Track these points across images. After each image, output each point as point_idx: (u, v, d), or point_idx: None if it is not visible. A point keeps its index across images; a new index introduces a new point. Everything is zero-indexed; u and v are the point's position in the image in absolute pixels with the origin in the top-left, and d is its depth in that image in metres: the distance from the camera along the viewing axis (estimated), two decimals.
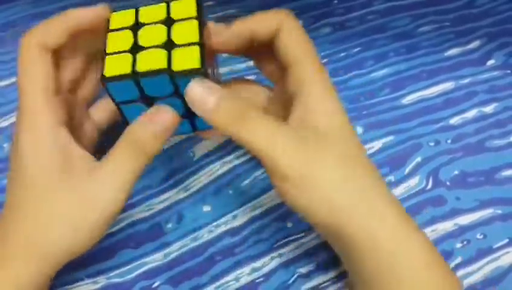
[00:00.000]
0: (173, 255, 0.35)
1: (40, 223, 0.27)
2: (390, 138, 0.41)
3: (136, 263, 0.35)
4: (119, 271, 0.34)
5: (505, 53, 0.47)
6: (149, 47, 0.27)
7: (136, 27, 0.28)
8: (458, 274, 0.36)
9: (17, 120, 0.28)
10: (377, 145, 0.41)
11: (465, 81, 0.45)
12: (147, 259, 0.35)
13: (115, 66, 0.27)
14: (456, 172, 0.40)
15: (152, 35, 0.28)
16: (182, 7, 0.29)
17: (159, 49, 0.27)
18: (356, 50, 0.46)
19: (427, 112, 0.43)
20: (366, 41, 0.46)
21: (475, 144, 0.41)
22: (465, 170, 0.40)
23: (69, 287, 0.33)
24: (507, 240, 0.38)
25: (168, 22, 0.28)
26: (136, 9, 0.29)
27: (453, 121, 0.43)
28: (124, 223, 0.36)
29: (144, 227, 0.36)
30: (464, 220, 0.38)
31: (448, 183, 0.39)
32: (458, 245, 0.37)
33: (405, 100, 0.43)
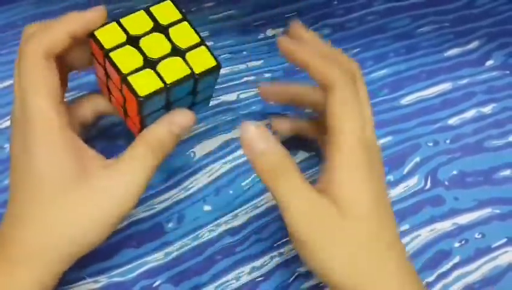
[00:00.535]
0: (174, 254, 0.35)
1: (49, 226, 0.27)
2: (389, 138, 0.41)
3: (137, 262, 0.35)
4: (120, 270, 0.34)
5: (504, 54, 0.47)
6: (161, 58, 0.28)
7: (133, 40, 0.28)
8: (456, 274, 0.36)
9: (24, 127, 0.28)
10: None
11: (463, 81, 0.45)
12: (148, 258, 0.35)
13: (144, 85, 0.27)
14: (455, 172, 0.40)
15: (155, 45, 0.28)
16: (164, 11, 0.29)
17: (173, 57, 0.28)
18: (356, 51, 0.46)
19: (426, 113, 0.43)
20: (366, 42, 0.46)
21: (473, 144, 0.42)
22: (463, 170, 0.40)
23: (70, 286, 0.33)
24: (505, 240, 0.38)
25: (161, 29, 0.29)
26: (117, 21, 0.29)
27: (452, 122, 0.43)
28: (125, 222, 0.36)
29: (145, 226, 0.36)
30: (463, 219, 0.38)
31: (446, 183, 0.40)
32: (456, 245, 0.37)
33: (404, 101, 0.44)
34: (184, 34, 0.29)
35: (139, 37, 0.29)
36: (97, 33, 0.28)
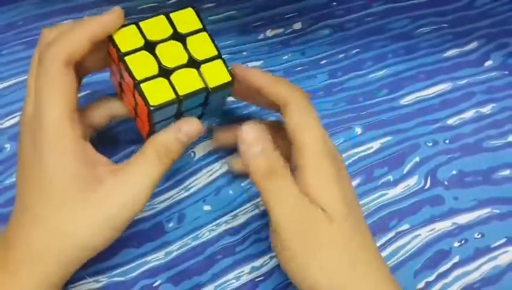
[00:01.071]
0: (174, 254, 0.35)
1: (56, 228, 0.28)
2: (388, 138, 0.42)
3: (138, 262, 0.35)
4: (120, 270, 0.34)
5: (503, 54, 0.47)
6: (176, 67, 0.28)
7: (150, 46, 0.28)
8: (456, 273, 0.37)
9: (36, 132, 0.28)
10: (376, 145, 0.41)
11: (462, 82, 0.45)
12: (148, 258, 0.35)
13: (157, 94, 0.28)
14: (454, 172, 0.40)
15: (172, 54, 0.29)
16: (184, 18, 0.29)
17: (188, 68, 0.28)
18: (355, 51, 0.46)
19: (425, 113, 0.43)
20: (365, 42, 0.47)
21: (473, 144, 0.42)
22: (463, 170, 0.41)
23: (71, 286, 0.33)
24: (505, 240, 0.38)
25: (179, 37, 0.29)
26: (136, 24, 0.29)
27: (451, 122, 0.43)
28: None
29: (146, 226, 0.36)
30: (462, 219, 0.39)
31: (446, 183, 0.40)
32: (456, 244, 0.38)
33: (403, 101, 0.44)
34: (202, 45, 0.29)
35: (156, 43, 0.29)
36: (115, 35, 0.28)
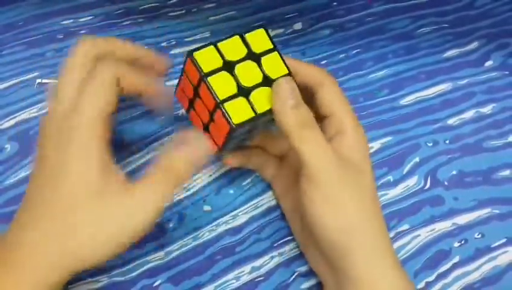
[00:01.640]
0: (174, 254, 0.35)
1: (62, 234, 0.27)
2: (388, 138, 0.42)
3: (138, 262, 0.35)
4: (120, 270, 0.35)
5: (503, 54, 0.47)
6: (253, 87, 0.30)
7: (228, 66, 0.30)
8: (456, 273, 0.37)
9: (65, 132, 0.28)
10: (376, 145, 0.41)
11: (463, 82, 0.45)
12: (148, 258, 0.35)
13: (237, 113, 0.30)
14: (454, 172, 0.40)
15: (248, 73, 0.30)
16: (257, 39, 0.31)
17: (264, 87, 0.30)
18: (355, 51, 0.46)
19: (426, 113, 0.43)
20: (366, 42, 0.47)
21: (473, 145, 0.42)
22: (463, 170, 0.41)
23: (71, 286, 0.33)
24: (505, 240, 0.38)
25: (254, 57, 0.31)
26: (215, 45, 0.30)
27: (451, 122, 0.43)
28: None
29: None
30: (462, 219, 0.39)
31: (446, 183, 0.40)
32: (456, 245, 0.38)
33: (404, 101, 0.44)
34: (274, 64, 0.31)
35: (234, 64, 0.30)
36: (196, 55, 0.30)
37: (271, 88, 0.30)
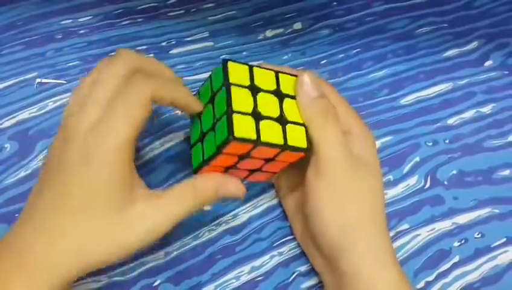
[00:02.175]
0: (174, 254, 0.35)
1: (77, 243, 0.27)
2: (388, 138, 0.42)
3: (138, 262, 0.35)
4: (120, 270, 0.34)
5: (503, 54, 0.47)
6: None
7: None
8: (456, 273, 0.37)
9: (93, 143, 0.28)
10: (376, 145, 0.41)
11: (462, 82, 0.45)
12: (148, 258, 0.35)
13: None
14: (454, 172, 0.40)
15: (268, 104, 0.31)
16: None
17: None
18: (355, 51, 0.46)
19: (425, 113, 0.43)
20: (365, 42, 0.47)
21: (473, 144, 0.42)
22: (462, 170, 0.41)
23: None
24: (504, 239, 0.38)
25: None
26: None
27: (451, 122, 0.43)
28: None
29: None
30: (462, 219, 0.39)
31: (446, 182, 0.40)
32: (456, 244, 0.38)
33: (403, 101, 0.44)
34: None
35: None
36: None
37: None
